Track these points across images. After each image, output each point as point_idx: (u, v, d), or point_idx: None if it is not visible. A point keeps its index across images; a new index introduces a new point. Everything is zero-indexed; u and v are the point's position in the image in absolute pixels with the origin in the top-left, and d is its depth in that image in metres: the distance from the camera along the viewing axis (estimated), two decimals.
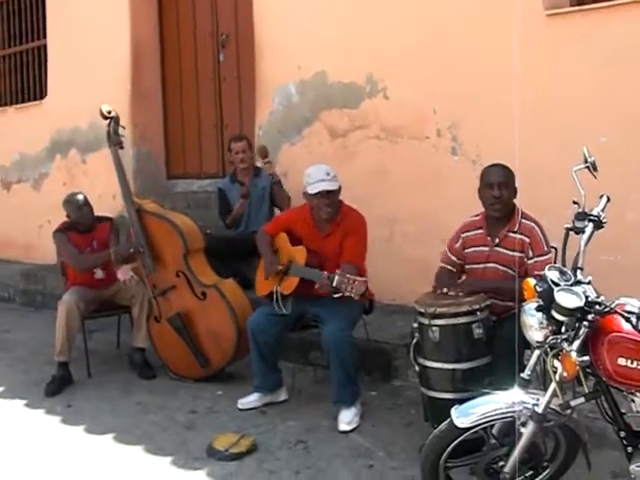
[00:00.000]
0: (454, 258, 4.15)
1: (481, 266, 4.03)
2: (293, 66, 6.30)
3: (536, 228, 3.87)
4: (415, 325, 3.89)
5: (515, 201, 3.94)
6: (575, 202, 2.93)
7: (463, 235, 4.12)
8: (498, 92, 4.88)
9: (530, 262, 3.82)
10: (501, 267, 3.95)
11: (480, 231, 4.05)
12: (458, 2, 5.29)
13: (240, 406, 4.66)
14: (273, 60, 6.51)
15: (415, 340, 3.88)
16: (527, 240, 3.85)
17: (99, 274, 5.55)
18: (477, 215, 4.10)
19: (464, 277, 4.16)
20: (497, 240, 3.96)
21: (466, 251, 4.10)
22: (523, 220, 3.91)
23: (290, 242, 4.70)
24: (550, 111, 4.83)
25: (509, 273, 3.87)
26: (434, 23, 5.40)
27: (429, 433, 3.30)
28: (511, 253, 3.88)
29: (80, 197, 5.63)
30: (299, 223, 4.73)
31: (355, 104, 5.90)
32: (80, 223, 5.57)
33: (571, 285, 2.75)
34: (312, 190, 4.51)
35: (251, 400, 4.68)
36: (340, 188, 4.56)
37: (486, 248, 4.01)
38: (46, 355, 5.65)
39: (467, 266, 4.12)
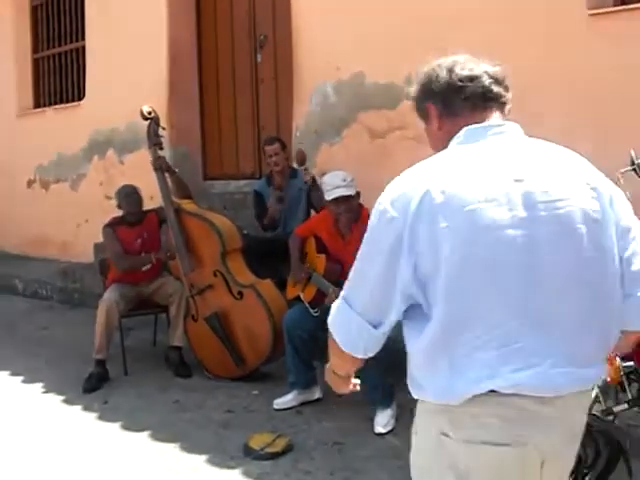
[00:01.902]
0: None
1: None
2: (331, 67, 6.29)
3: None
4: None
5: None
6: None
7: None
8: (539, 93, 4.82)
9: None
10: None
11: None
12: (498, 3, 5.24)
13: (276, 406, 4.67)
14: (311, 61, 6.51)
15: None
16: None
17: (147, 265, 5.60)
18: None
19: None
20: None
21: None
22: None
23: (317, 248, 4.84)
24: (593, 112, 4.76)
25: None
26: (474, 24, 5.35)
27: None
28: None
29: (130, 187, 5.74)
30: (324, 230, 4.82)
31: (393, 105, 5.87)
32: (129, 213, 5.65)
33: None
34: (329, 196, 4.62)
35: (287, 400, 4.69)
36: (358, 194, 4.63)
37: None
38: (83, 352, 5.70)
39: None
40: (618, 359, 2.63)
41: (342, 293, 1.84)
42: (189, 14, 8.04)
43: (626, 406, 2.83)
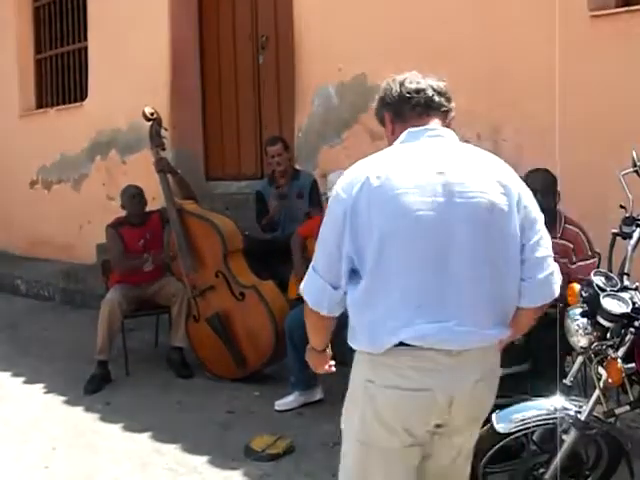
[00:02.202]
0: None
1: None
2: (333, 68, 6.29)
3: (580, 233, 3.83)
4: None
5: (559, 207, 3.89)
6: (622, 206, 2.89)
7: None
8: (540, 95, 4.82)
9: (573, 266, 3.78)
10: None
11: None
12: (500, 5, 5.24)
13: (277, 407, 4.68)
14: (313, 62, 6.51)
15: None
16: (571, 246, 3.80)
17: (148, 265, 5.60)
18: None
19: None
20: None
21: None
22: (567, 225, 3.87)
23: None
24: (594, 114, 4.76)
25: None
26: (475, 26, 5.35)
27: None
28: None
29: (134, 187, 5.75)
30: None
31: None
32: (133, 214, 5.66)
33: (617, 291, 2.71)
34: None
35: (288, 401, 4.69)
36: None
37: None
38: (85, 353, 5.70)
39: None
40: (619, 361, 2.62)
41: (312, 262, 2.26)
42: (191, 15, 8.04)
43: (628, 408, 2.83)
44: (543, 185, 3.85)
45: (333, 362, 2.53)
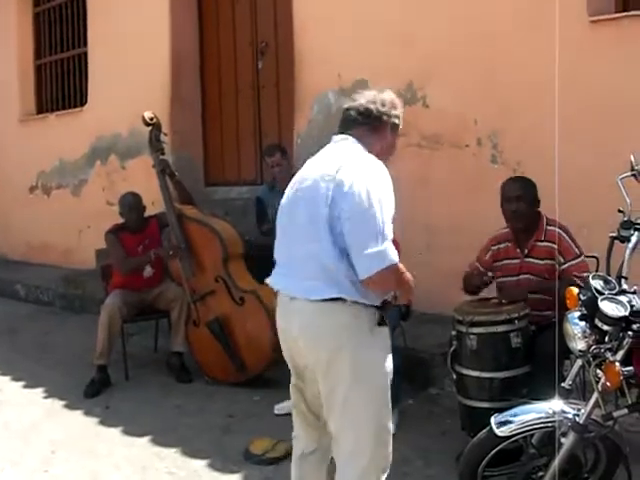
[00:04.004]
0: (482, 269, 4.17)
1: (514, 278, 4.04)
2: (333, 74, 6.31)
3: (562, 233, 3.86)
4: (453, 333, 3.88)
5: (540, 210, 3.95)
6: (620, 210, 2.91)
7: (493, 248, 4.15)
8: (539, 100, 4.84)
9: (562, 267, 3.81)
10: (534, 277, 3.97)
11: (509, 243, 4.08)
12: (500, 10, 5.27)
13: (276, 411, 4.68)
14: (312, 68, 6.53)
15: (453, 348, 3.88)
16: (554, 247, 3.83)
17: (148, 271, 5.63)
18: (505, 227, 4.12)
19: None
20: (526, 251, 3.98)
21: (497, 264, 4.12)
22: (548, 227, 3.92)
23: None
24: (593, 119, 4.78)
25: (545, 285, 3.86)
26: (475, 31, 5.38)
27: (465, 442, 3.29)
28: (542, 262, 3.92)
29: (132, 195, 5.77)
30: None
31: None
32: (130, 221, 5.68)
33: (615, 294, 2.73)
34: None
35: (287, 405, 4.65)
36: None
37: (517, 260, 4.02)
38: (85, 358, 5.71)
39: (500, 279, 4.12)
40: (618, 364, 2.64)
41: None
42: (191, 21, 8.07)
43: (626, 411, 2.84)
44: (518, 192, 3.97)
45: None
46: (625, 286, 2.79)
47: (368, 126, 2.91)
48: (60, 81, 9.86)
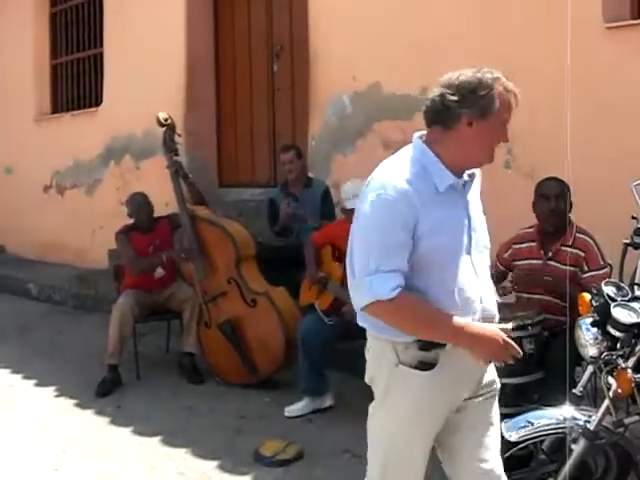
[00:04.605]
0: (501, 267, 4.16)
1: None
2: (347, 77, 6.32)
3: (592, 243, 3.85)
4: None
5: (570, 215, 3.91)
6: (634, 217, 2.90)
7: (515, 246, 4.12)
8: (554, 106, 4.83)
9: (585, 276, 3.79)
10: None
11: (533, 244, 4.04)
12: (515, 15, 5.26)
13: (287, 414, 4.69)
14: (327, 71, 6.54)
15: None
16: (582, 254, 3.82)
17: (159, 272, 5.64)
18: (531, 227, 4.09)
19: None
20: (550, 254, 3.95)
21: (516, 263, 4.09)
22: (578, 234, 3.89)
23: (333, 256, 4.84)
24: (608, 125, 4.77)
25: (561, 287, 3.84)
26: (490, 37, 5.37)
27: None
28: (563, 267, 3.86)
29: (140, 196, 5.78)
30: (343, 238, 4.78)
31: (408, 116, 5.87)
32: (140, 221, 5.69)
33: (628, 301, 2.72)
34: (348, 205, 4.61)
35: (298, 407, 4.70)
36: None
37: (539, 261, 3.99)
38: (97, 357, 5.73)
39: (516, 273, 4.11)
40: (629, 371, 2.63)
41: None
42: (207, 22, 8.10)
43: (637, 418, 2.83)
44: (558, 191, 3.93)
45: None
46: (638, 293, 2.78)
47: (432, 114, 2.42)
48: (75, 81, 9.91)
